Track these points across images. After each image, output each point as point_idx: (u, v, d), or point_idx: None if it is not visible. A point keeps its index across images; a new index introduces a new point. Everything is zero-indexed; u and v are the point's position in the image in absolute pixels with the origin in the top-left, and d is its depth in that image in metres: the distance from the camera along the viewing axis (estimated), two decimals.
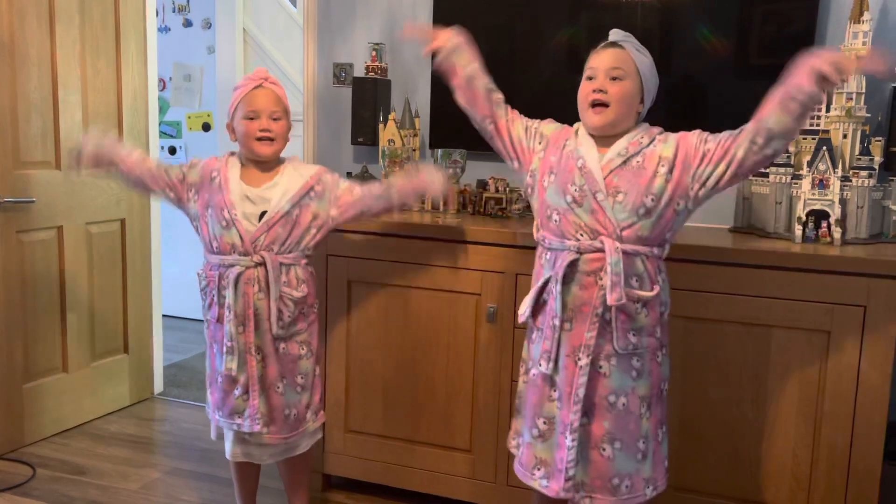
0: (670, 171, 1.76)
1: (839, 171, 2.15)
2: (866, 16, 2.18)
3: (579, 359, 1.77)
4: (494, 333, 2.32)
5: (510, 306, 2.29)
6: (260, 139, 2.06)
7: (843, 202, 2.16)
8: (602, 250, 1.74)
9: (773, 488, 2.13)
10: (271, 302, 2.05)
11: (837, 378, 2.03)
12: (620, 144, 1.80)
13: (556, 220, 1.81)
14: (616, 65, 1.78)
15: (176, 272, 4.43)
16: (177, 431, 3.16)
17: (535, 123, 1.95)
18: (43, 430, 3.03)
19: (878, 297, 1.97)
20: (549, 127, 1.94)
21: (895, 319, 1.97)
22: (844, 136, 2.21)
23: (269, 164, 2.12)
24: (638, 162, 1.78)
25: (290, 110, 2.16)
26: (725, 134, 1.76)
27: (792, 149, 2.27)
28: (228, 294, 2.04)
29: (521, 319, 1.89)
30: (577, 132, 1.89)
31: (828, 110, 2.24)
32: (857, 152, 2.20)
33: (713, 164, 1.74)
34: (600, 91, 1.78)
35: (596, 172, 1.78)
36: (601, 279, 1.75)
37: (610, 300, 1.72)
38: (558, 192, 1.81)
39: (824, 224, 2.16)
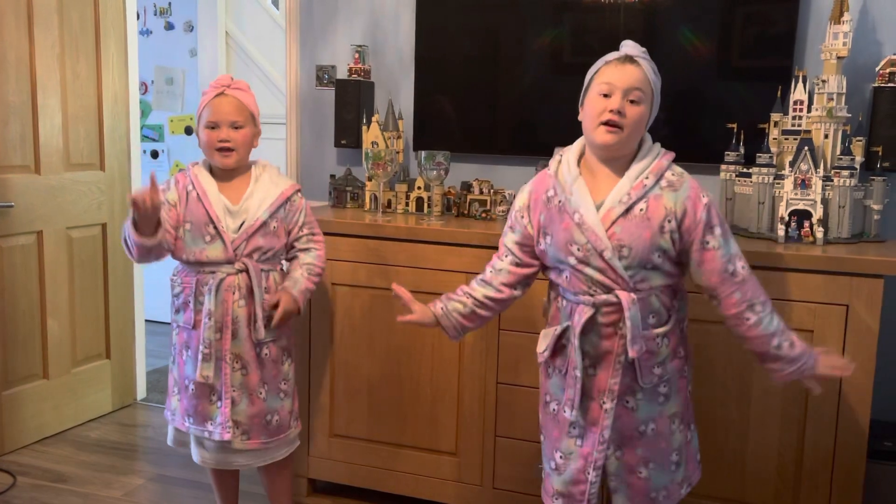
0: (679, 228, 1.65)
1: (821, 171, 2.16)
2: (846, 16, 2.19)
3: (604, 402, 1.70)
4: (479, 336, 2.32)
5: None
6: (220, 150, 2.05)
7: (825, 202, 2.17)
8: (618, 303, 1.65)
9: (758, 488, 2.14)
10: (256, 307, 2.04)
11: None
12: (623, 188, 1.66)
13: (566, 277, 1.71)
14: (637, 86, 1.65)
15: (158, 276, 4.36)
16: (160, 437, 3.13)
17: (510, 220, 1.81)
18: (23, 437, 2.99)
19: (860, 296, 1.98)
20: (521, 199, 1.79)
21: (877, 318, 1.98)
22: (826, 137, 2.22)
23: (239, 171, 2.12)
24: (641, 211, 1.64)
25: (257, 115, 2.13)
26: (723, 265, 1.66)
27: (774, 149, 2.28)
28: (208, 300, 2.02)
29: (540, 360, 1.81)
30: (557, 171, 1.74)
31: (809, 111, 2.25)
32: (838, 152, 2.21)
33: (693, 254, 1.67)
34: (618, 113, 1.63)
35: (597, 228, 1.64)
36: (621, 328, 1.67)
37: (632, 353, 1.65)
38: (559, 252, 1.69)
39: (807, 224, 2.16)
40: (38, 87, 2.95)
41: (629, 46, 1.71)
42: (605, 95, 1.66)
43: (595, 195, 1.68)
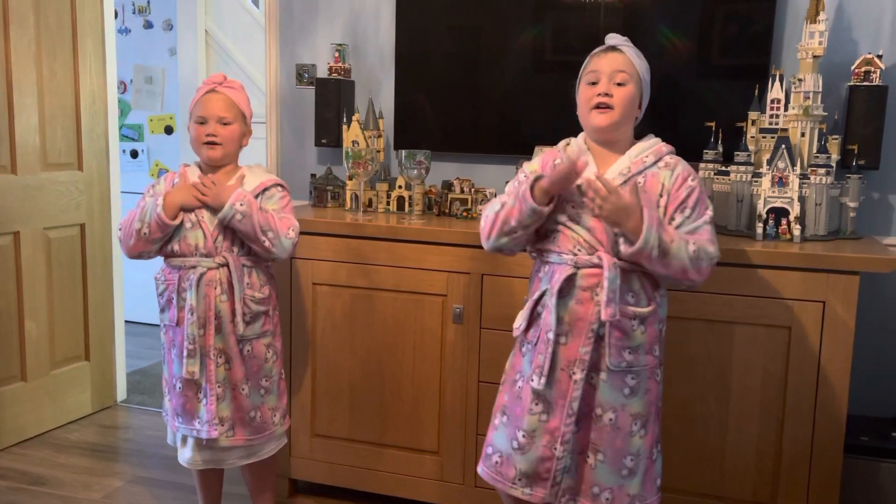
0: (666, 202, 1.73)
1: (798, 169, 2.18)
2: (822, 16, 2.21)
3: (574, 373, 1.72)
4: (461, 334, 2.32)
5: (476, 307, 2.29)
6: (207, 143, 2.09)
7: (802, 199, 2.19)
8: (599, 266, 1.70)
9: (737, 483, 2.15)
10: (236, 302, 2.04)
11: (799, 373, 2.06)
12: (623, 163, 1.76)
13: (553, 237, 1.77)
14: (621, 68, 1.76)
15: (138, 277, 4.35)
16: (140, 439, 3.11)
17: (518, 178, 1.84)
18: (1, 440, 2.96)
19: (837, 293, 2.01)
20: (533, 164, 1.87)
21: (853, 314, 2.01)
22: (802, 135, 2.24)
23: (228, 171, 2.13)
24: (640, 183, 1.73)
25: (248, 113, 2.17)
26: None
27: (752, 147, 2.30)
28: (190, 295, 2.03)
29: (515, 333, 1.84)
30: (566, 147, 1.85)
31: (786, 109, 2.27)
32: (814, 150, 2.23)
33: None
34: (605, 95, 1.74)
35: None
36: (597, 294, 1.71)
37: (604, 315, 1.67)
38: (556, 207, 1.75)
39: (784, 221, 2.19)
40: (14, 85, 2.92)
41: (612, 37, 1.82)
42: (593, 83, 1.78)
43: (599, 169, 1.78)
